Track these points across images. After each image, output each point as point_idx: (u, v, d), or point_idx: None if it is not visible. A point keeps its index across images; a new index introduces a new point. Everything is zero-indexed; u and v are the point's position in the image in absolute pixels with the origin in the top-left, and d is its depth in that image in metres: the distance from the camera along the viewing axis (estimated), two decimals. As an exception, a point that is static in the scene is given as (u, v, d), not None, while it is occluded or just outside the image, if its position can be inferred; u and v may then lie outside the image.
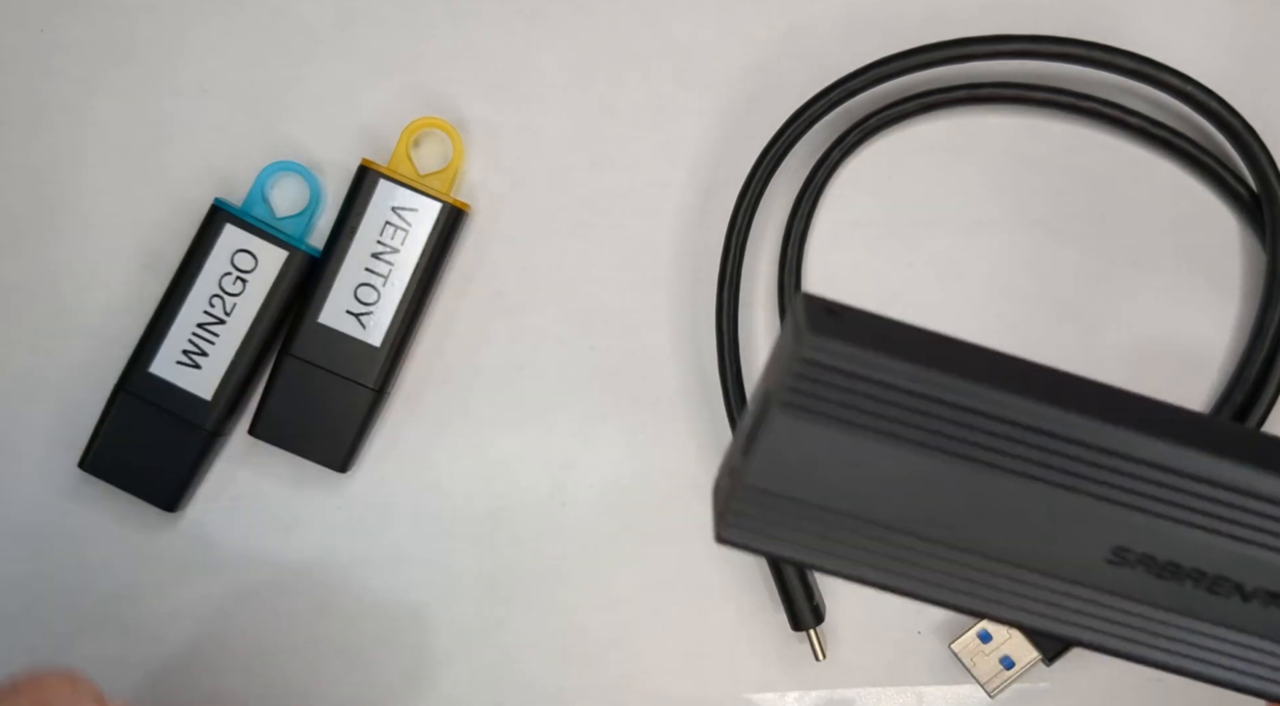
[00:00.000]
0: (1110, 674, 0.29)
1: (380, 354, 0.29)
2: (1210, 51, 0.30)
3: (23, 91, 0.30)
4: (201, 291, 0.29)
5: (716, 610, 0.30)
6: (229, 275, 0.29)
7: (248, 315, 0.29)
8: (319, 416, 0.29)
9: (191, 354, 0.29)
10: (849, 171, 0.30)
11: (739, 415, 0.29)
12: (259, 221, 0.29)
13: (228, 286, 0.29)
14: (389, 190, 0.29)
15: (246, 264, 0.28)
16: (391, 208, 0.29)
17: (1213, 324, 0.30)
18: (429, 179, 0.29)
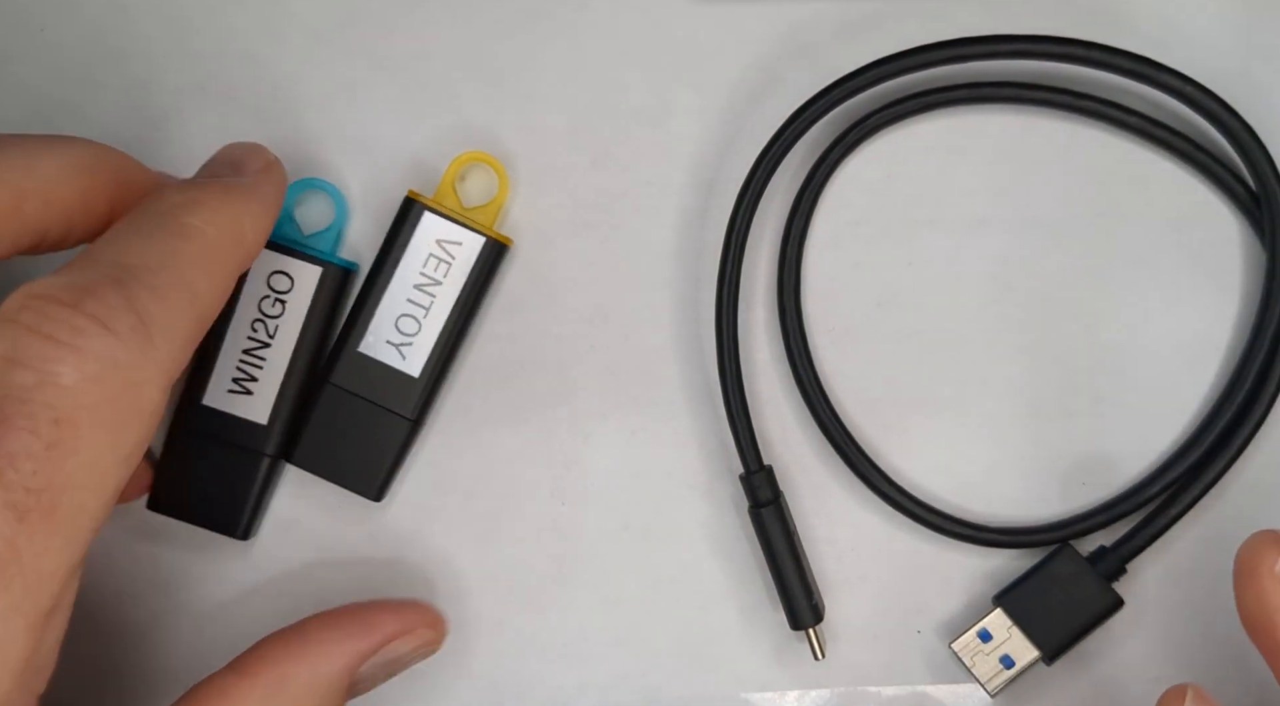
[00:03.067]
0: (1110, 674, 0.29)
1: (418, 385, 0.29)
2: (1209, 51, 0.30)
3: (23, 91, 0.30)
4: (243, 318, 0.28)
5: (716, 609, 0.30)
6: (268, 298, 0.28)
7: (291, 335, 0.28)
8: (356, 445, 0.29)
9: (241, 381, 0.28)
10: (849, 171, 0.30)
11: (738, 415, 0.29)
12: (290, 241, 0.29)
13: (267, 309, 0.28)
14: (433, 222, 0.29)
15: (283, 285, 0.28)
16: (436, 240, 0.29)
17: (1212, 323, 0.30)
18: (473, 212, 0.29)
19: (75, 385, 0.19)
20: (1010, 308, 0.30)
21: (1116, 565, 0.29)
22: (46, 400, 0.19)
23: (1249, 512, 0.30)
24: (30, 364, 0.19)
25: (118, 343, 0.20)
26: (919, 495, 0.29)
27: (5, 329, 0.20)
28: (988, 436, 0.30)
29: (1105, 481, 0.30)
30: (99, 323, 0.20)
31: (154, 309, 0.21)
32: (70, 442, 0.19)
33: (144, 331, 0.20)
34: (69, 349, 0.19)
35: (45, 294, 0.20)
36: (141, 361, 0.20)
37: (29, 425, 0.19)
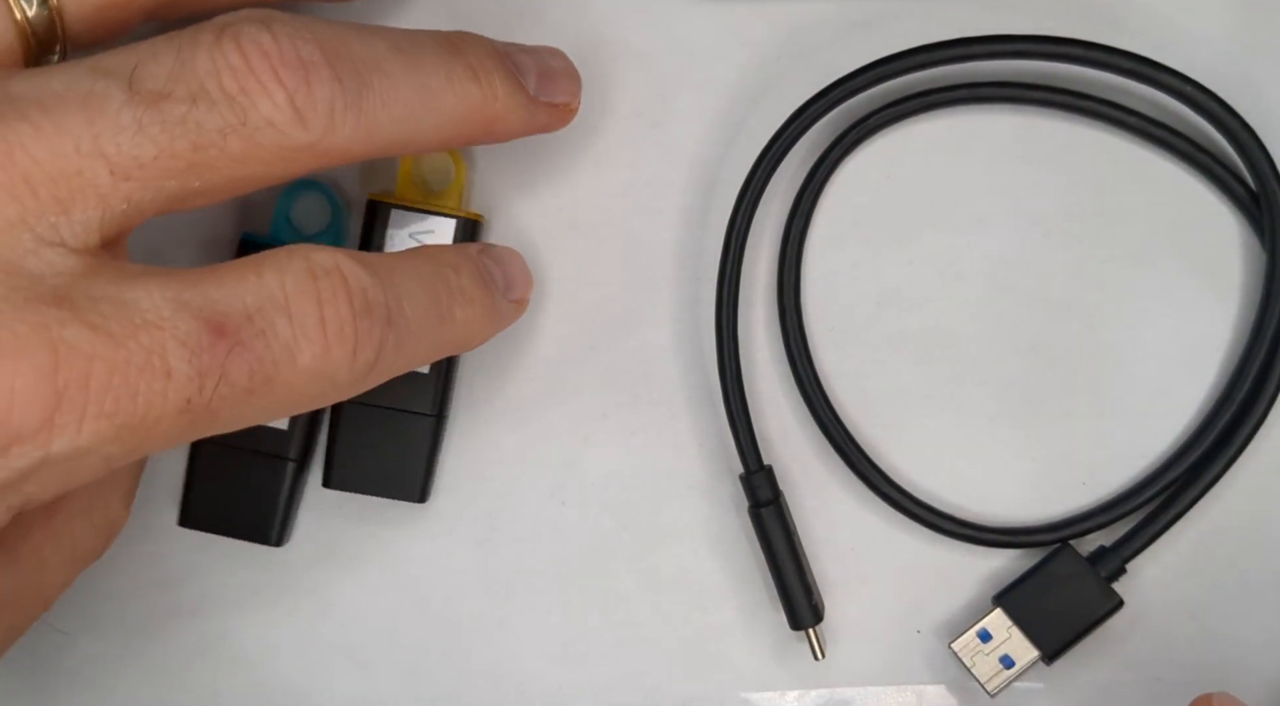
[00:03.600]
0: (1110, 673, 0.29)
1: (430, 380, 0.29)
2: (1209, 51, 0.30)
3: (22, 91, 0.30)
4: None
5: (716, 609, 0.30)
6: None
7: None
8: (388, 454, 0.29)
9: None
10: (849, 171, 0.30)
11: (738, 415, 0.29)
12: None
13: None
14: (401, 217, 0.29)
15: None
16: (409, 234, 0.29)
17: (1212, 323, 0.30)
18: (437, 199, 0.29)
19: (302, 368, 0.21)
20: (1010, 307, 0.30)
21: (1116, 565, 0.29)
22: (279, 359, 0.21)
23: (1249, 512, 0.30)
24: (294, 324, 0.21)
25: (348, 368, 0.21)
26: (919, 495, 0.29)
27: (304, 278, 0.21)
28: (988, 436, 0.30)
29: (1105, 481, 0.30)
30: (355, 344, 0.21)
31: (387, 360, 0.22)
32: (257, 399, 0.21)
33: (368, 372, 0.22)
34: (323, 341, 0.21)
35: (348, 279, 0.22)
36: (344, 390, 0.22)
37: (253, 365, 0.20)
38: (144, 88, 0.20)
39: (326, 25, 0.22)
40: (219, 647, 0.30)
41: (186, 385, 0.19)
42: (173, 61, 0.21)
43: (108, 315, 0.19)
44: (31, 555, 0.23)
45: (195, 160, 0.21)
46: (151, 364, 0.19)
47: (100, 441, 0.19)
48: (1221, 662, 0.29)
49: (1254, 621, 0.29)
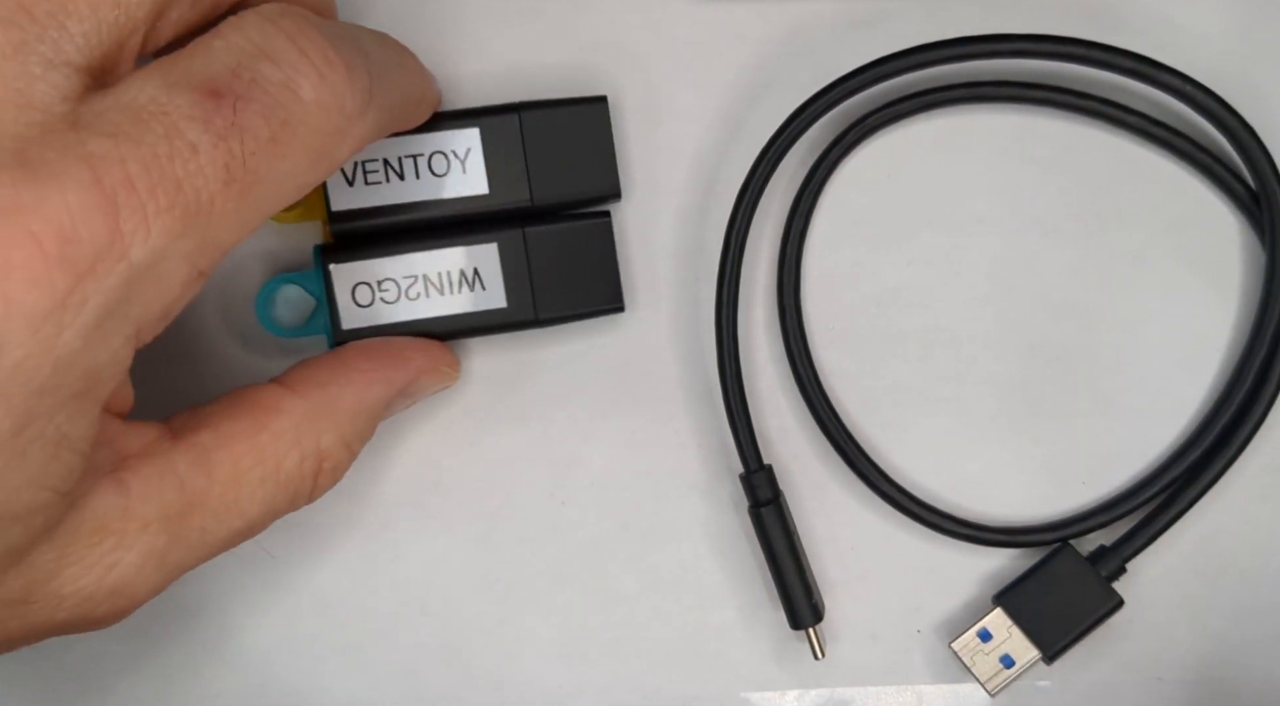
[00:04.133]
0: (1110, 673, 0.29)
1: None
2: (1209, 51, 0.30)
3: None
4: None
5: (716, 609, 0.30)
6: None
7: None
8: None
9: None
10: (848, 170, 0.30)
11: (738, 414, 0.29)
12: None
13: None
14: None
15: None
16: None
17: (1212, 323, 0.30)
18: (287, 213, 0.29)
19: (310, 102, 0.21)
20: (1010, 307, 0.30)
21: (1116, 565, 0.29)
22: (284, 100, 0.21)
23: (1249, 512, 0.30)
24: (280, 64, 0.21)
25: (350, 91, 0.21)
26: (919, 495, 0.29)
27: (263, 25, 0.21)
28: (988, 436, 0.30)
29: (1105, 481, 0.30)
30: (345, 69, 0.21)
31: (378, 92, 0.22)
32: (285, 146, 0.21)
33: (368, 97, 0.22)
34: (315, 71, 0.21)
35: (307, 16, 0.22)
36: (357, 119, 0.22)
37: (264, 112, 0.20)
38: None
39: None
40: (219, 647, 0.30)
41: (215, 152, 0.20)
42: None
43: (117, 121, 0.19)
44: (227, 462, 0.23)
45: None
46: (175, 147, 0.19)
47: (172, 238, 0.19)
48: (1221, 662, 0.29)
49: (1254, 621, 0.29)
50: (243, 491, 0.23)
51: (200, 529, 0.23)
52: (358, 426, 0.26)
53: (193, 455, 0.23)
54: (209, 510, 0.23)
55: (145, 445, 0.22)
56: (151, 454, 0.22)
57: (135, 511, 0.21)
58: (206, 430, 0.23)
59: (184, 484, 0.22)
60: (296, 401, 0.25)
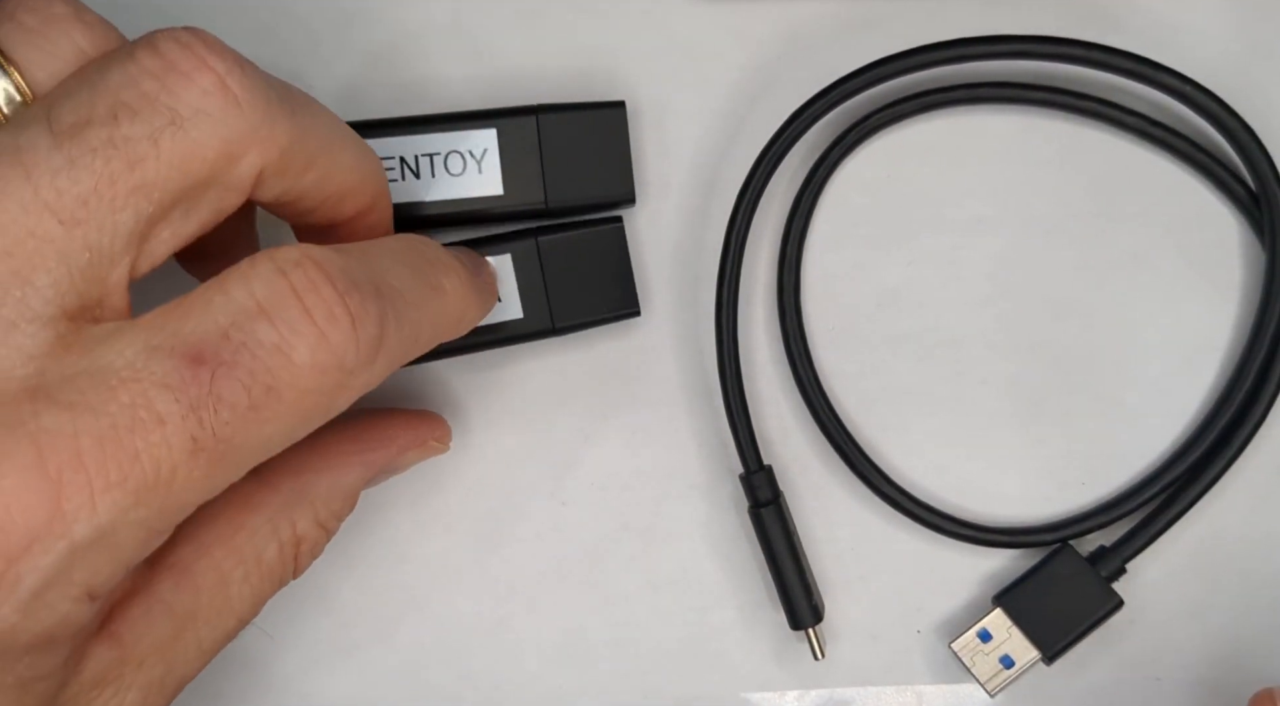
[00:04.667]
0: (1110, 673, 0.29)
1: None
2: (1209, 51, 0.30)
3: (22, 91, 0.30)
4: None
5: (716, 609, 0.30)
6: None
7: None
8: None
9: None
10: (848, 171, 0.30)
11: (738, 415, 0.29)
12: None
13: None
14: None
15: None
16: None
17: (1212, 323, 0.30)
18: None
19: (303, 366, 0.20)
20: (1010, 307, 0.30)
21: (1116, 565, 0.29)
22: (272, 366, 0.20)
23: (1249, 512, 0.30)
24: (277, 324, 0.20)
25: (355, 347, 0.20)
26: (919, 495, 0.29)
27: (270, 278, 0.20)
28: (988, 436, 0.30)
29: (1105, 481, 0.30)
30: (351, 320, 0.20)
31: (392, 334, 0.21)
32: (269, 414, 0.20)
33: (376, 347, 0.21)
34: (314, 331, 0.20)
35: (322, 264, 0.20)
36: (360, 372, 0.21)
37: (246, 381, 0.19)
38: (64, 123, 0.19)
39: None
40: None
41: (184, 425, 0.19)
42: (86, 88, 0.20)
43: (83, 388, 0.19)
44: (210, 571, 0.23)
45: (138, 180, 0.20)
46: (139, 419, 0.19)
47: (122, 510, 0.19)
48: (1221, 662, 0.29)
49: (1254, 621, 0.29)
50: (230, 593, 0.23)
51: (195, 641, 0.23)
52: (333, 508, 0.25)
53: (174, 577, 0.23)
54: (201, 622, 0.23)
55: (127, 587, 0.22)
56: (135, 592, 0.22)
57: (130, 656, 0.22)
58: (184, 545, 0.23)
59: (172, 610, 0.22)
60: (269, 494, 0.24)
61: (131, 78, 0.20)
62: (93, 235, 0.19)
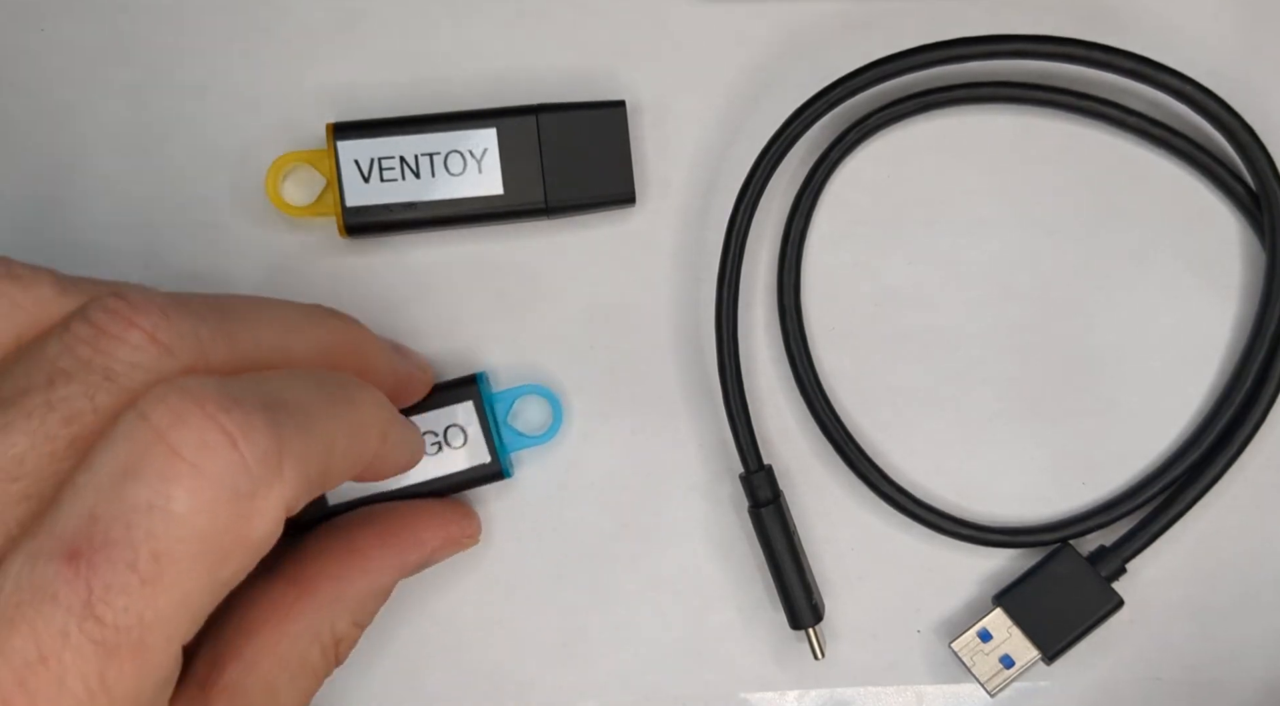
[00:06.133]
0: (1110, 673, 0.29)
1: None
2: (1210, 51, 0.30)
3: (23, 92, 0.30)
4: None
5: (716, 609, 0.30)
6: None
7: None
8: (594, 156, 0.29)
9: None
10: (849, 171, 0.30)
11: (738, 415, 0.29)
12: (496, 426, 0.29)
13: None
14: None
15: (456, 438, 0.28)
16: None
17: (1212, 323, 0.30)
18: (314, 206, 0.29)
19: (185, 513, 0.19)
20: (1010, 307, 0.30)
21: (1116, 565, 0.29)
22: (151, 528, 0.18)
23: (1249, 513, 0.30)
24: (144, 479, 0.19)
25: (242, 468, 0.19)
26: (919, 495, 0.29)
27: (135, 427, 0.19)
28: (988, 436, 0.30)
29: (1105, 481, 0.30)
30: (229, 440, 0.19)
31: (295, 443, 0.20)
32: (168, 578, 0.19)
33: (275, 460, 0.19)
34: (188, 467, 0.19)
35: (190, 392, 0.19)
36: (262, 491, 0.19)
37: (128, 557, 0.18)
38: (3, 395, 0.20)
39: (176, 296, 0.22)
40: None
41: (83, 632, 0.18)
42: (25, 363, 0.20)
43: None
44: (259, 685, 0.24)
45: (75, 433, 0.20)
46: (44, 645, 0.18)
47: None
48: (1221, 662, 0.29)
49: (1254, 621, 0.29)
50: (280, 698, 0.24)
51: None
52: (367, 608, 0.26)
53: (228, 698, 0.23)
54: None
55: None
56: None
57: None
58: (231, 664, 0.23)
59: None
60: (308, 602, 0.25)
61: (67, 347, 0.20)
62: (33, 486, 0.19)
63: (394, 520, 0.27)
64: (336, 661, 0.26)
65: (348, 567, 0.26)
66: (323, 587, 0.25)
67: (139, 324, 0.20)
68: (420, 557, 0.27)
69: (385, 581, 0.26)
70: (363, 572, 0.26)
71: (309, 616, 0.25)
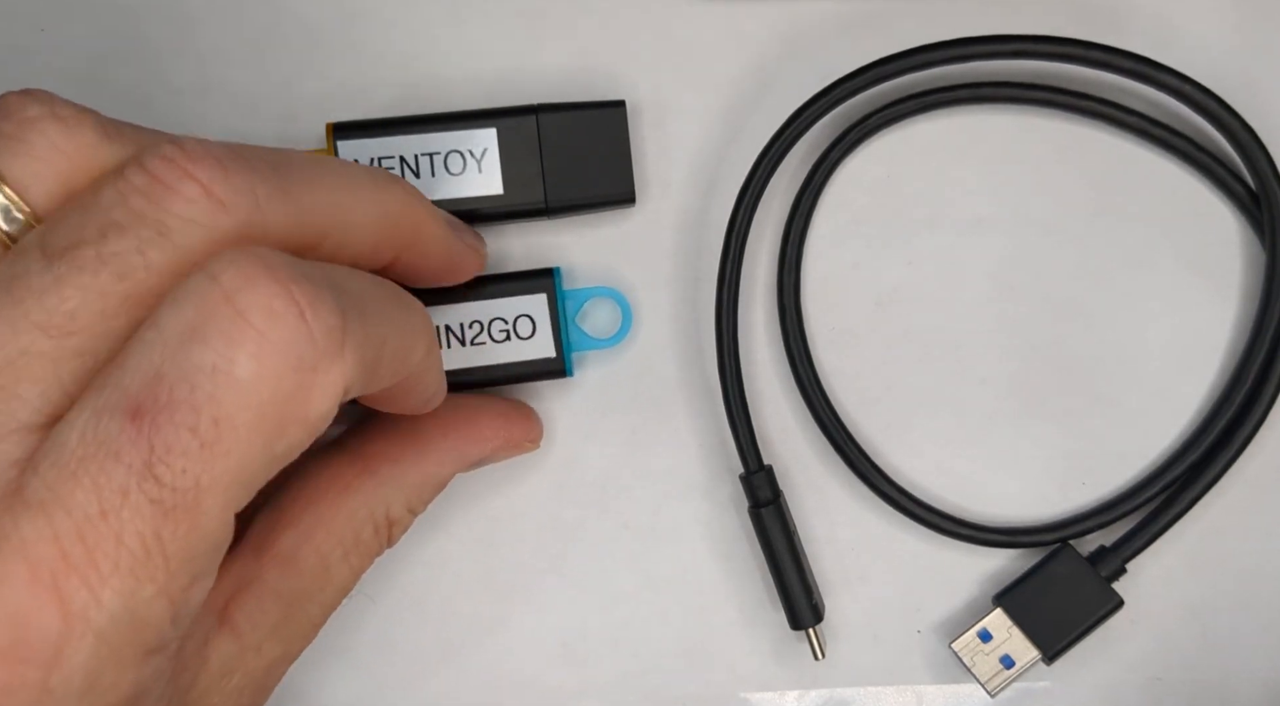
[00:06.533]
0: (1110, 673, 0.29)
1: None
2: (1209, 51, 0.30)
3: (22, 91, 0.30)
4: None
5: (716, 609, 0.30)
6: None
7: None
8: (592, 157, 0.29)
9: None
10: (848, 171, 0.30)
11: (738, 415, 0.29)
12: (565, 323, 0.28)
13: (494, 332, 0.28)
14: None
15: (524, 328, 0.28)
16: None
17: (1212, 323, 0.30)
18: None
19: (248, 379, 0.19)
20: (1010, 307, 0.30)
21: (1116, 565, 0.29)
22: (214, 392, 0.18)
23: (1249, 513, 0.30)
24: (210, 342, 0.19)
25: (307, 339, 0.19)
26: (919, 495, 0.29)
27: (205, 288, 0.19)
28: (988, 436, 0.30)
29: (1105, 481, 0.30)
30: (297, 310, 0.19)
31: (357, 326, 0.20)
32: (226, 444, 0.19)
33: (339, 337, 0.19)
34: (255, 333, 0.19)
35: (261, 258, 0.19)
36: (324, 366, 0.19)
37: (190, 421, 0.18)
38: (56, 246, 0.20)
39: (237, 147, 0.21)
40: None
41: (142, 492, 0.18)
42: (78, 212, 0.20)
43: (51, 482, 0.18)
44: (312, 555, 0.25)
45: (128, 290, 0.19)
46: (106, 501, 0.18)
47: (128, 595, 0.19)
48: (1221, 662, 0.29)
49: (1254, 621, 0.29)
50: (332, 572, 0.25)
51: (305, 618, 0.25)
52: (424, 495, 0.27)
53: (280, 565, 0.24)
54: (309, 601, 0.25)
55: (239, 580, 0.24)
56: (247, 583, 0.24)
57: (249, 643, 0.23)
58: (287, 531, 0.24)
59: (281, 595, 0.24)
60: (367, 480, 0.26)
61: (121, 196, 0.20)
62: (87, 343, 0.19)
63: (459, 412, 0.27)
64: (389, 543, 0.26)
65: (410, 451, 0.26)
66: (382, 468, 0.26)
67: (196, 176, 0.20)
68: (480, 453, 0.27)
69: (443, 471, 0.27)
70: (422, 459, 0.26)
71: (366, 494, 0.25)
